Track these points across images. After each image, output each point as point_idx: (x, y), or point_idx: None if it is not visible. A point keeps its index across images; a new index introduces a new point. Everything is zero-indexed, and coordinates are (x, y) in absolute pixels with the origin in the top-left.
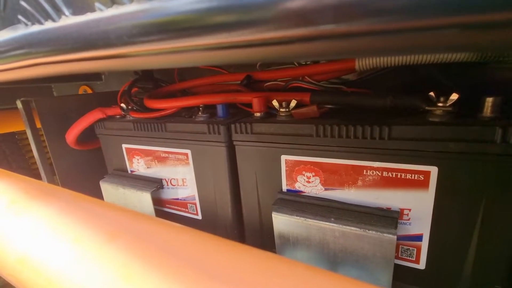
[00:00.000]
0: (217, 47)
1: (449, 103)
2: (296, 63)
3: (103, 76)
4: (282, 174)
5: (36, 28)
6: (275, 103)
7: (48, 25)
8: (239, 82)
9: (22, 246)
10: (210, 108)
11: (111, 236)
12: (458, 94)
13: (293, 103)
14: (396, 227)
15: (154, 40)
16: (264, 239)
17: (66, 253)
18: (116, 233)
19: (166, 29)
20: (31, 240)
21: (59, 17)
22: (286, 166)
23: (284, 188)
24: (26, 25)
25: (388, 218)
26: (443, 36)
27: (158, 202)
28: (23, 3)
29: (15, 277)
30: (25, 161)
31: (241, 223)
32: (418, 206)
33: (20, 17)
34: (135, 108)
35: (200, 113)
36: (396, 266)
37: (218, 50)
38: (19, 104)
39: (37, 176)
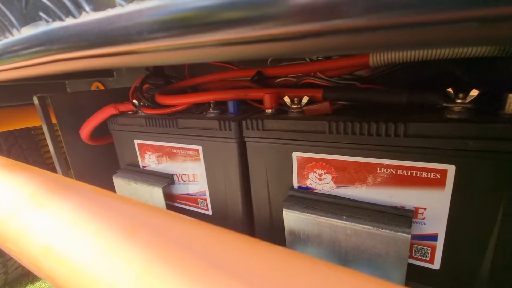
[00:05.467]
0: (239, 41)
1: (468, 99)
2: (307, 59)
3: (114, 73)
4: (293, 171)
5: (57, 24)
6: (286, 99)
7: (69, 21)
8: (250, 78)
9: (44, 238)
10: (221, 105)
11: (131, 230)
12: (478, 90)
13: (305, 100)
14: (410, 226)
15: (174, 35)
16: (274, 235)
17: (87, 245)
18: (136, 227)
19: (188, 24)
20: (53, 232)
21: (80, 14)
22: (297, 163)
23: (295, 185)
24: (47, 21)
25: (402, 217)
26: (462, 29)
27: (170, 197)
28: (44, 0)
29: (38, 267)
30: (40, 155)
31: (251, 219)
32: (433, 205)
33: (41, 14)
34: (146, 104)
35: (211, 109)
36: (410, 266)
37: (239, 44)
38: (35, 100)
39: (52, 170)
